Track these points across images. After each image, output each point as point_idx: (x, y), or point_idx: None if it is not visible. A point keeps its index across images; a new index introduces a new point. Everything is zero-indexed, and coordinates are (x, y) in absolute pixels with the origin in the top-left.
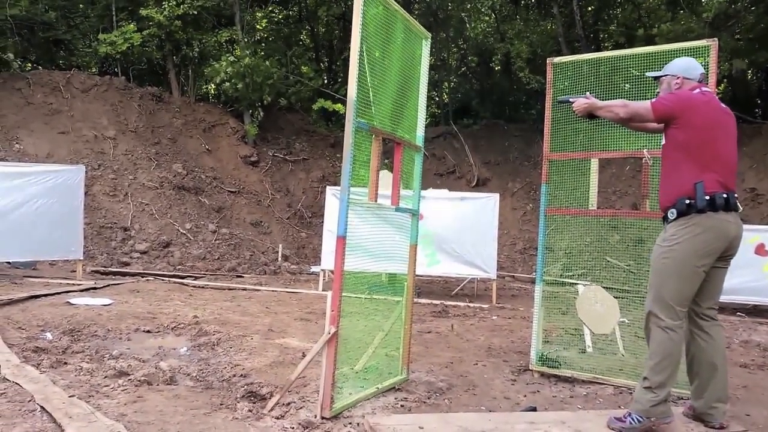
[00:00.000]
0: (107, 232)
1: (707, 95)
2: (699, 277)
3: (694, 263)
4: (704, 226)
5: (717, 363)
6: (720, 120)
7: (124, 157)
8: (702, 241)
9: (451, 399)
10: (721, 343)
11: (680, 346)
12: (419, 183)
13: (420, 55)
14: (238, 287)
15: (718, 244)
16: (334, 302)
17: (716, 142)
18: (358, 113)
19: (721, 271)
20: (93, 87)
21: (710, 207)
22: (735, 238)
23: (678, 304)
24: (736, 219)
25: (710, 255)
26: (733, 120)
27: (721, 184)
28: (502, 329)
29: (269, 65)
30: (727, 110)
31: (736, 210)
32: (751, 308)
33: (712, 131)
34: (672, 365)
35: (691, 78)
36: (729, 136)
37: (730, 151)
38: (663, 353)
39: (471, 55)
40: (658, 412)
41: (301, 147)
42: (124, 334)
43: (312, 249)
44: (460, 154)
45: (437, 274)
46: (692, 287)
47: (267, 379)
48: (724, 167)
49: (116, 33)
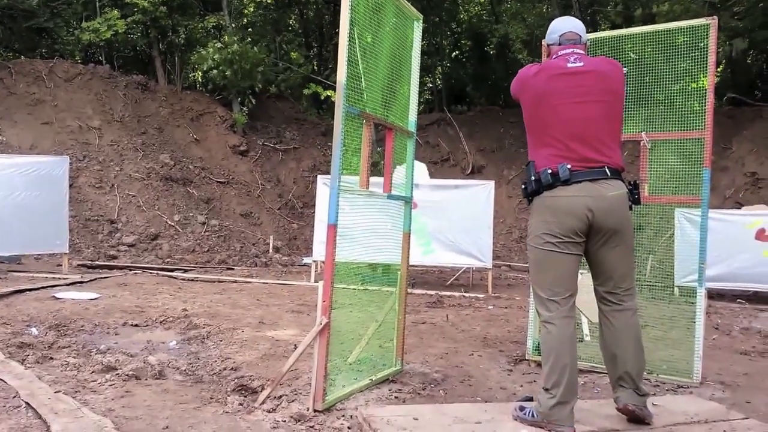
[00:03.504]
0: (93, 225)
1: (546, 64)
2: (558, 262)
3: (542, 247)
4: (541, 206)
5: (616, 352)
6: (551, 87)
7: (110, 148)
8: (542, 222)
9: (446, 390)
10: (626, 331)
11: (562, 340)
12: (412, 170)
13: (412, 38)
14: (228, 279)
15: (567, 222)
16: (325, 292)
17: (550, 112)
18: (348, 98)
19: (611, 252)
20: (77, 76)
21: (544, 186)
22: (590, 210)
23: (546, 295)
24: (591, 190)
25: (559, 235)
26: (588, 76)
27: (560, 156)
28: (498, 319)
29: (258, 51)
30: (567, 69)
31: (580, 180)
32: (751, 295)
33: (544, 101)
34: (557, 362)
35: (552, 43)
36: (575, 99)
37: (571, 115)
38: (546, 350)
39: (465, 38)
40: (555, 416)
41: (291, 135)
42: (111, 328)
43: (303, 240)
44: (455, 142)
45: (432, 263)
46: (555, 274)
47: (258, 372)
48: (567, 135)
49: (100, 20)
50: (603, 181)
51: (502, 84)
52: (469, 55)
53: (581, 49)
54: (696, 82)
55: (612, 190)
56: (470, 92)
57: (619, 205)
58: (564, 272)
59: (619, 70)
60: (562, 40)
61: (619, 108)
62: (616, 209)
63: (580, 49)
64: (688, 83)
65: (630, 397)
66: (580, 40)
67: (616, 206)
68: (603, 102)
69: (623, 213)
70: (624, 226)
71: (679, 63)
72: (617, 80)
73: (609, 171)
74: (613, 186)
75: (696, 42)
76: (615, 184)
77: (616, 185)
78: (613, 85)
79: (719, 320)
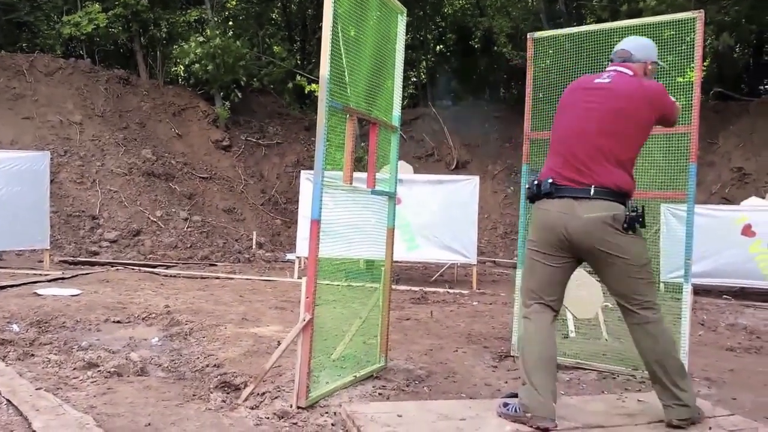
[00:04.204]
0: (75, 221)
1: (587, 76)
2: (539, 270)
3: (528, 253)
4: (531, 215)
5: (644, 360)
6: (572, 98)
7: (91, 143)
8: (530, 230)
9: (430, 386)
10: (644, 345)
11: (534, 335)
12: (396, 165)
13: (396, 32)
14: (211, 276)
15: (544, 235)
16: (308, 288)
17: (559, 123)
18: (331, 93)
19: (605, 271)
20: (57, 70)
21: (535, 196)
22: (566, 228)
23: (527, 295)
24: (570, 207)
25: (538, 245)
26: (598, 94)
27: (555, 167)
28: (482, 315)
29: (240, 45)
30: (591, 85)
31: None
32: (737, 291)
33: (560, 112)
34: (530, 355)
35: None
36: (579, 114)
37: (570, 128)
38: (522, 345)
39: (449, 32)
40: (535, 408)
41: (274, 130)
42: (93, 324)
43: (287, 236)
44: (439, 136)
45: (416, 259)
46: (530, 277)
47: (241, 369)
48: (566, 150)
49: (81, 14)
50: (584, 201)
51: (487, 78)
52: (453, 50)
53: (629, 67)
54: (683, 77)
55: (590, 211)
56: (455, 87)
57: (595, 227)
58: (544, 280)
59: (642, 94)
60: (613, 57)
61: (631, 129)
62: (592, 231)
63: (625, 67)
64: (674, 77)
65: (673, 413)
66: (630, 58)
67: (591, 228)
68: (605, 121)
69: (603, 236)
70: (606, 248)
71: (666, 57)
72: (633, 102)
73: (595, 191)
74: (593, 207)
75: (683, 36)
76: (597, 205)
77: (599, 206)
78: (622, 105)
79: (705, 316)
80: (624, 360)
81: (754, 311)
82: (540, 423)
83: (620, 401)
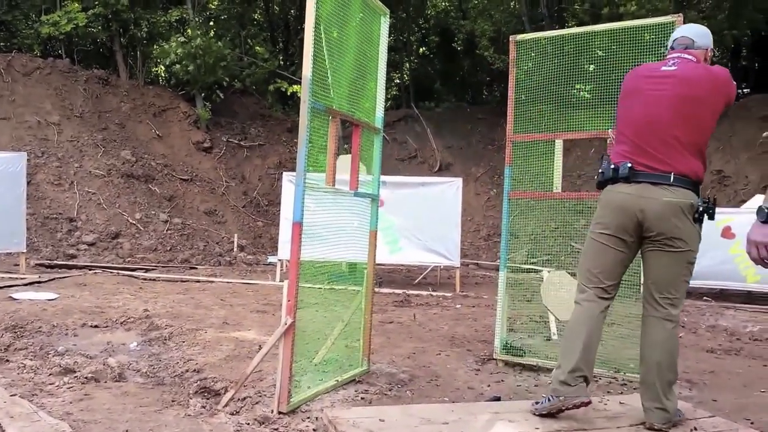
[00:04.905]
0: (52, 223)
1: (650, 64)
2: (600, 253)
3: (592, 236)
4: (602, 199)
5: (643, 355)
6: (637, 86)
7: (69, 144)
8: (598, 213)
9: (413, 390)
10: (656, 337)
11: (580, 322)
12: (379, 167)
13: (379, 33)
14: (191, 279)
15: (612, 217)
16: (290, 291)
17: (627, 110)
18: (314, 94)
19: (658, 257)
20: (35, 70)
21: (609, 180)
22: (642, 211)
23: (582, 278)
24: (648, 191)
25: (608, 228)
26: (667, 81)
27: (628, 154)
28: (465, 318)
29: (222, 46)
30: (658, 72)
31: (640, 180)
32: (717, 292)
33: (626, 99)
34: (569, 338)
35: (669, 48)
36: (648, 100)
37: (642, 116)
38: (567, 328)
39: (432, 34)
40: (565, 390)
41: (256, 132)
42: (70, 329)
43: (269, 238)
44: (422, 138)
45: (399, 262)
46: (593, 261)
47: (221, 374)
48: (638, 136)
49: (60, 13)
50: (664, 186)
51: (470, 80)
52: (436, 52)
53: (691, 54)
54: None
55: (670, 196)
56: (438, 89)
57: (672, 212)
58: (603, 264)
59: (712, 78)
60: (674, 44)
61: (703, 115)
62: (668, 216)
63: (688, 54)
64: None
65: (653, 417)
66: (692, 45)
67: (668, 213)
68: (677, 108)
69: (677, 222)
70: (676, 234)
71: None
72: (703, 87)
73: (675, 178)
74: (673, 193)
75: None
76: (676, 192)
77: (678, 193)
78: (693, 92)
79: (686, 318)
80: (606, 363)
81: (735, 313)
82: (575, 401)
83: (602, 404)
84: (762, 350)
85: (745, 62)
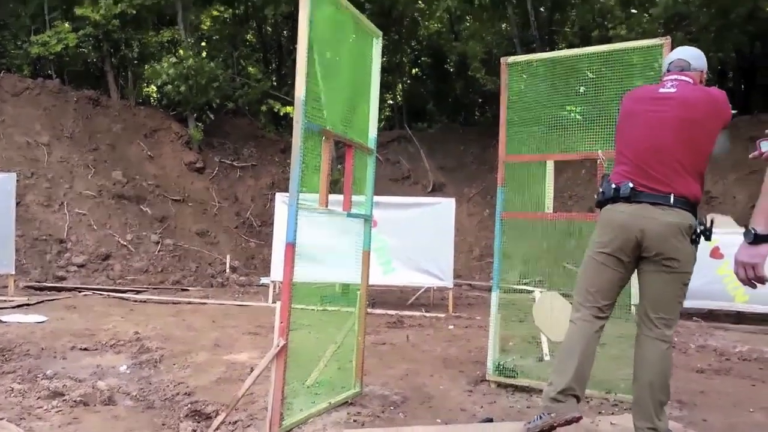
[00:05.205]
0: (41, 245)
1: (647, 86)
2: (597, 272)
3: (589, 254)
4: (601, 218)
5: (636, 376)
6: (637, 108)
7: (59, 165)
8: (597, 232)
9: (405, 412)
10: (648, 357)
11: (576, 340)
12: (372, 188)
13: (371, 54)
14: (182, 301)
15: (611, 236)
16: (283, 313)
17: (627, 132)
18: (307, 115)
19: (655, 277)
20: (25, 90)
21: (609, 199)
22: (642, 231)
23: (578, 296)
24: (648, 212)
25: (606, 247)
26: (667, 103)
27: (629, 174)
28: (458, 339)
29: (214, 66)
30: (657, 94)
31: (641, 200)
32: (706, 313)
33: (625, 121)
34: (562, 356)
35: (664, 70)
36: (649, 123)
37: (644, 138)
38: (561, 346)
39: (425, 56)
40: (556, 406)
41: (249, 152)
42: (59, 352)
43: (262, 259)
44: (415, 159)
45: (392, 283)
46: (590, 279)
47: (213, 397)
48: (639, 158)
49: (49, 33)
50: (663, 207)
51: (463, 101)
52: (429, 73)
53: (688, 76)
54: None
55: (669, 217)
56: (431, 109)
57: (671, 233)
58: (599, 283)
59: (711, 100)
60: (670, 67)
61: (702, 136)
62: (668, 236)
63: (685, 76)
64: None
65: None
66: (689, 67)
67: (668, 233)
68: (678, 130)
69: (675, 242)
70: (674, 255)
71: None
72: (701, 110)
73: (674, 199)
74: (671, 214)
75: (650, 62)
76: (675, 213)
77: (677, 214)
78: (693, 114)
79: (676, 338)
80: (598, 383)
81: (724, 333)
82: (566, 416)
83: (594, 424)
84: (751, 370)
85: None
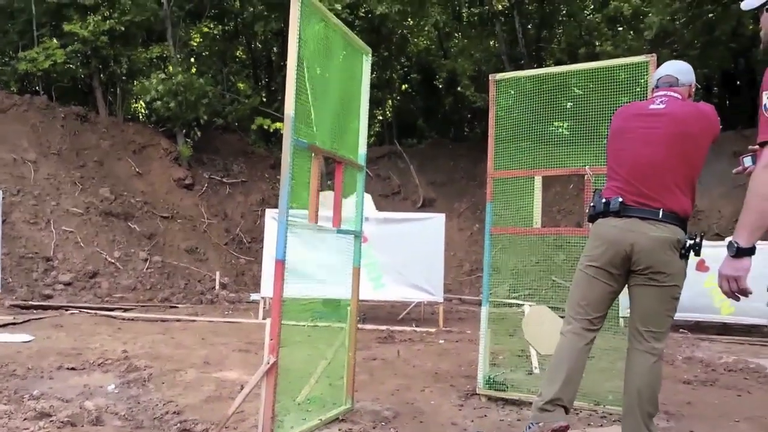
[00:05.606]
0: (28, 263)
1: (637, 103)
2: (587, 285)
3: (581, 268)
4: (592, 232)
5: (627, 387)
6: (627, 125)
7: (46, 182)
8: (588, 246)
9: (397, 428)
10: (637, 370)
11: (566, 352)
12: (362, 203)
13: (361, 71)
14: (171, 318)
15: (602, 249)
16: (273, 330)
17: (619, 149)
18: (297, 131)
19: (644, 290)
20: (12, 107)
21: (600, 213)
22: (631, 245)
23: (570, 309)
24: (637, 226)
25: (596, 260)
26: (658, 120)
27: (619, 189)
28: (449, 353)
29: (204, 82)
30: (647, 111)
31: (631, 215)
32: (693, 324)
33: (616, 137)
34: (552, 368)
35: (653, 86)
36: (640, 139)
37: (635, 154)
38: (551, 359)
39: (414, 72)
40: (544, 416)
41: (239, 169)
42: (45, 372)
43: (252, 276)
44: (405, 175)
45: (383, 298)
46: (581, 292)
47: (202, 416)
48: (630, 174)
49: (37, 49)
50: (652, 221)
51: (452, 117)
52: (418, 89)
53: (676, 92)
54: None
55: (658, 232)
56: (420, 125)
57: (660, 247)
58: (590, 296)
59: (701, 115)
60: (658, 83)
61: (693, 151)
62: (657, 251)
63: (674, 92)
64: None
65: None
66: (677, 83)
67: (657, 248)
68: (670, 146)
69: (664, 257)
70: (663, 269)
71: (621, 98)
72: (691, 125)
73: (663, 214)
74: (661, 229)
75: (637, 78)
76: (664, 228)
77: (666, 229)
78: (684, 129)
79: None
80: (586, 395)
81: (710, 344)
82: (554, 425)
83: None
84: (736, 381)
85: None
